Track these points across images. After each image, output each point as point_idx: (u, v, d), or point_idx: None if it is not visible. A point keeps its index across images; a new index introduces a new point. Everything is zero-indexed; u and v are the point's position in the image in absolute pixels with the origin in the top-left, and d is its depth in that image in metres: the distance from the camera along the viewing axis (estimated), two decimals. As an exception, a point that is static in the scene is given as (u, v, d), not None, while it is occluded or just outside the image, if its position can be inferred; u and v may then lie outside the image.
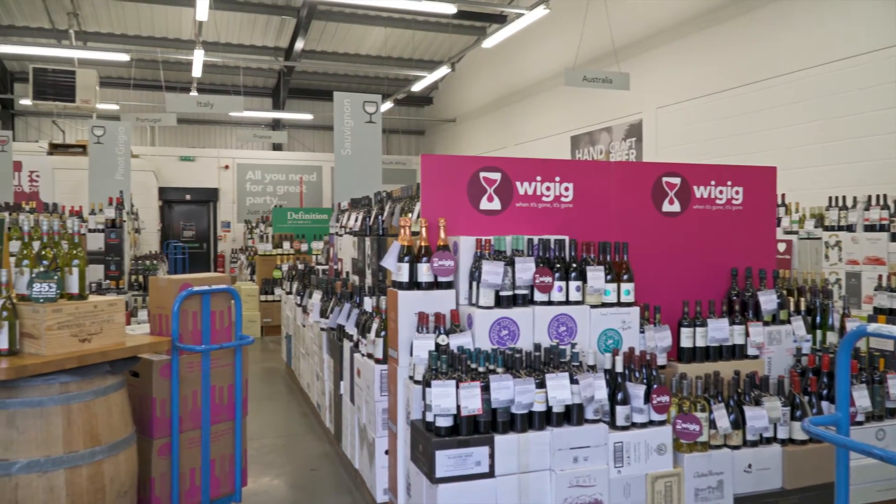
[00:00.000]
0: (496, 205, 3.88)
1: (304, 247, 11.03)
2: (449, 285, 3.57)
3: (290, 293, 7.81)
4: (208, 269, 17.28)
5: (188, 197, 17.23)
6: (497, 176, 3.89)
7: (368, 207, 5.76)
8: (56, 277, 2.94)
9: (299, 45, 15.01)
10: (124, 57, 13.27)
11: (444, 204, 3.78)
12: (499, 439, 3.06)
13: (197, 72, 13.55)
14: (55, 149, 14.75)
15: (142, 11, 14.49)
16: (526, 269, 3.50)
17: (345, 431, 4.65)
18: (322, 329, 5.43)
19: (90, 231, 7.53)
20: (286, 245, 11.01)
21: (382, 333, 3.84)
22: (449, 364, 3.14)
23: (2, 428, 2.78)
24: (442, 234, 3.57)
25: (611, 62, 10.73)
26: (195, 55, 12.39)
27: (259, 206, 17.46)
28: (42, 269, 2.97)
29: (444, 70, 14.03)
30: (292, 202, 17.52)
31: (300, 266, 8.20)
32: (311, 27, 14.86)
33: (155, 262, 8.94)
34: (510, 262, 3.51)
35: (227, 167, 17.45)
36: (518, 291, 3.53)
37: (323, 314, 5.44)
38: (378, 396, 3.78)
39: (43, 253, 3.04)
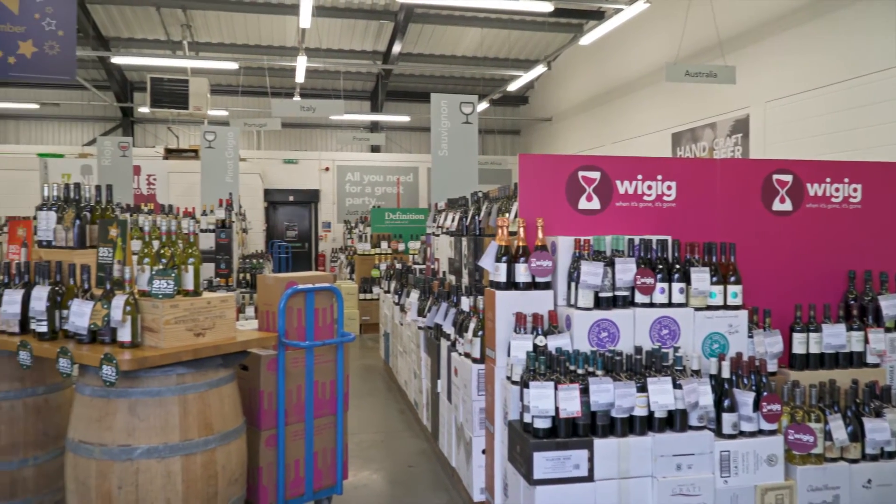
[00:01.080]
0: (595, 204, 3.82)
1: (401, 246, 11.21)
2: (547, 286, 3.54)
3: (387, 292, 7.97)
4: (310, 267, 17.86)
5: (291, 198, 17.87)
6: (596, 175, 3.82)
7: (465, 208, 5.79)
8: (174, 275, 3.12)
9: (397, 48, 15.28)
10: (233, 65, 13.93)
11: (541, 204, 3.76)
12: (598, 443, 3.01)
13: (300, 77, 14.04)
14: (170, 153, 15.66)
15: (249, 21, 15.15)
16: (627, 270, 3.43)
17: (442, 429, 4.70)
18: (419, 328, 5.50)
19: (202, 231, 7.94)
20: (384, 245, 11.23)
21: (480, 333, 3.85)
22: (547, 365, 3.12)
23: (124, 415, 2.98)
24: (540, 234, 3.54)
25: (715, 55, 10.33)
26: (298, 61, 12.85)
27: (358, 207, 17.89)
28: (161, 266, 3.16)
29: (540, 69, 13.92)
30: (390, 203, 17.86)
31: (398, 265, 8.35)
32: (409, 30, 15.09)
33: (261, 260, 9.32)
34: (610, 263, 3.44)
35: (327, 169, 17.99)
36: (618, 293, 3.46)
37: (420, 313, 5.52)
38: (475, 396, 3.79)
39: (162, 252, 3.23)
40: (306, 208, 18.17)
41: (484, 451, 3.76)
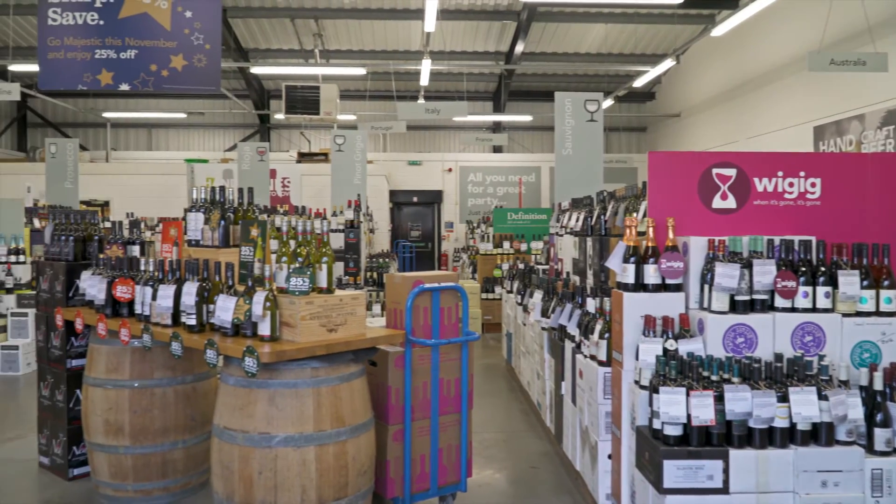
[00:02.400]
0: (730, 203, 3.64)
1: (523, 246, 11.18)
2: (678, 288, 3.41)
3: (510, 292, 7.97)
4: (433, 267, 18.16)
5: (415, 199, 18.26)
6: (732, 172, 3.64)
7: (590, 207, 5.69)
8: (309, 273, 3.27)
9: (519, 47, 15.24)
10: (361, 71, 14.41)
11: (672, 203, 3.63)
12: (734, 454, 2.86)
13: (424, 80, 14.31)
14: (303, 157, 16.43)
15: (376, 28, 15.62)
16: (765, 273, 3.24)
17: (566, 432, 4.64)
18: (543, 328, 5.46)
19: (332, 231, 8.27)
20: (506, 245, 11.23)
21: (606, 335, 3.77)
22: (678, 370, 3.01)
23: (264, 405, 3.15)
24: (670, 235, 3.42)
25: (863, 41, 9.56)
26: (423, 65, 13.10)
27: (480, 207, 18.00)
28: (297, 265, 3.32)
29: (668, 63, 13.44)
30: (512, 203, 17.84)
31: (520, 265, 8.33)
32: (531, 29, 15.01)
33: (387, 259, 9.58)
34: (747, 265, 3.27)
35: (450, 170, 18.22)
36: (756, 296, 3.28)
37: (544, 314, 5.48)
38: (601, 399, 3.72)
39: (298, 251, 3.39)
40: (430, 209, 18.50)
41: (610, 456, 3.68)
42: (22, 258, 8.50)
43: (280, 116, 15.07)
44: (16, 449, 5.17)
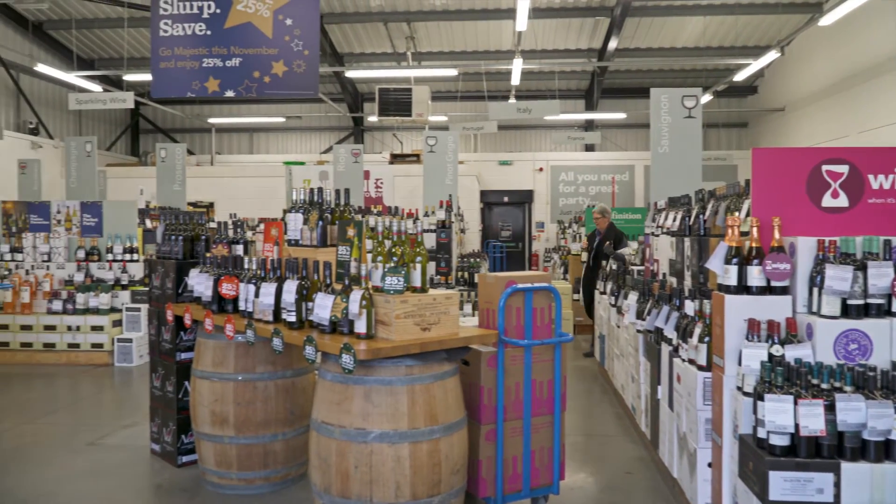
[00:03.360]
0: (842, 201, 3.44)
1: (616, 247, 10.94)
2: (784, 290, 3.26)
3: (603, 293, 7.82)
4: (523, 267, 18.07)
5: (506, 199, 18.23)
6: (843, 169, 3.44)
7: (688, 206, 5.51)
8: (403, 272, 3.32)
9: (612, 44, 14.94)
10: (452, 72, 14.51)
11: (777, 201, 3.46)
12: (846, 467, 2.71)
13: (515, 80, 14.27)
14: (395, 158, 16.71)
15: (467, 28, 15.69)
16: (882, 275, 3.05)
17: (662, 437, 4.52)
18: (638, 331, 5.33)
19: (424, 231, 8.37)
20: (598, 245, 11.03)
21: (706, 339, 3.64)
22: (785, 377, 2.87)
23: (360, 401, 3.23)
24: (776, 235, 3.27)
25: None
26: (514, 64, 13.06)
27: (571, 207, 17.78)
28: (392, 264, 3.38)
29: (771, 55, 12.84)
30: (604, 202, 17.52)
31: (614, 266, 8.16)
32: (625, 25, 14.69)
33: (477, 259, 9.61)
34: (861, 267, 3.08)
35: (541, 169, 18.09)
36: (871, 300, 3.09)
37: (639, 315, 5.35)
38: (700, 405, 3.60)
39: (393, 250, 3.45)
40: (520, 209, 18.43)
41: (710, 465, 3.55)
42: (135, 256, 9.04)
43: (373, 119, 15.38)
44: (130, 436, 5.51)
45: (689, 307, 4.11)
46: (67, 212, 9.20)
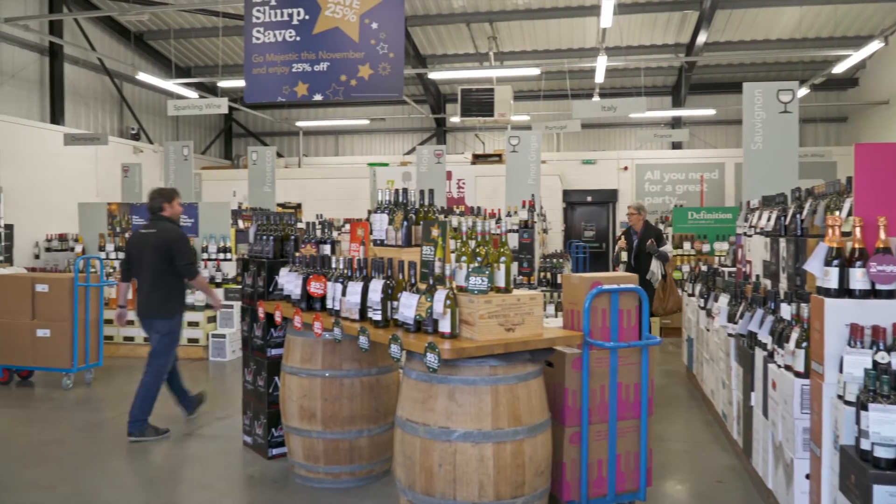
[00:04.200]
0: (957, 199, 3.21)
1: (705, 247, 10.61)
2: (890, 294, 3.07)
3: (692, 295, 7.59)
4: (606, 268, 17.74)
5: (589, 198, 17.94)
6: (959, 164, 3.22)
7: (784, 205, 5.28)
8: (487, 272, 3.32)
9: (701, 38, 14.47)
10: (535, 71, 14.41)
11: (883, 200, 3.27)
12: (961, 483, 2.53)
13: (599, 77, 14.03)
14: (477, 159, 16.73)
15: (550, 27, 15.54)
16: None
17: (755, 446, 4.34)
18: (729, 335, 5.15)
19: (507, 231, 8.35)
20: (686, 245, 10.72)
21: (803, 344, 3.48)
22: (891, 386, 2.71)
23: (444, 400, 3.25)
24: (882, 235, 3.09)
25: None
26: (598, 61, 12.85)
27: (657, 207, 17.32)
28: (476, 264, 3.38)
29: (874, 45, 12.12)
30: (692, 201, 16.99)
31: (703, 267, 7.91)
32: (715, 18, 14.19)
33: (560, 260, 9.51)
34: (979, 270, 2.87)
35: (625, 168, 17.71)
36: None
37: (731, 319, 5.16)
38: (798, 413, 3.44)
39: (477, 251, 3.46)
40: (604, 208, 18.10)
41: (808, 476, 3.39)
42: (229, 255, 9.42)
43: (456, 119, 15.47)
44: (224, 428, 5.74)
45: (786, 311, 3.94)
46: (166, 213, 9.67)
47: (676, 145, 18.27)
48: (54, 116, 14.60)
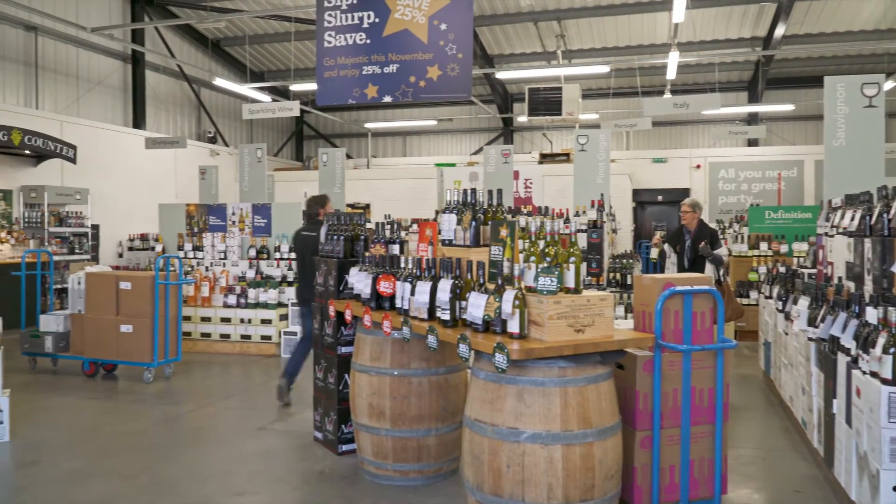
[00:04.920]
0: None
1: (783, 248, 10.23)
2: None
3: (768, 297, 7.33)
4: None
5: (659, 198, 17.57)
6: None
7: (869, 204, 5.04)
8: (557, 273, 3.29)
9: (779, 31, 13.97)
10: (604, 68, 14.22)
11: (982, 198, 3.08)
12: None
13: (671, 74, 13.72)
14: (544, 158, 16.62)
15: (620, 23, 15.29)
16: None
17: (837, 455, 4.16)
18: (809, 339, 4.95)
19: (576, 231, 8.25)
20: (763, 246, 10.37)
21: (891, 350, 3.31)
22: None
23: (512, 400, 3.24)
24: (980, 235, 2.91)
25: None
26: (670, 57, 12.56)
27: (732, 206, 16.83)
28: (545, 265, 3.36)
29: (971, 34, 11.44)
30: (769, 200, 16.43)
31: (780, 269, 7.63)
32: (794, 9, 13.68)
33: (630, 260, 9.34)
34: None
35: (698, 167, 17.27)
36: None
37: (811, 322, 4.95)
38: (885, 422, 3.27)
39: (546, 251, 3.43)
40: (675, 208, 17.67)
41: (895, 489, 3.23)
42: (300, 255, 9.63)
43: (523, 119, 15.39)
44: (296, 423, 5.87)
45: (871, 315, 3.76)
46: (241, 213, 9.98)
47: (752, 142, 17.69)
48: (136, 121, 15.26)
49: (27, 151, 11.45)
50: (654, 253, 8.37)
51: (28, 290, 8.58)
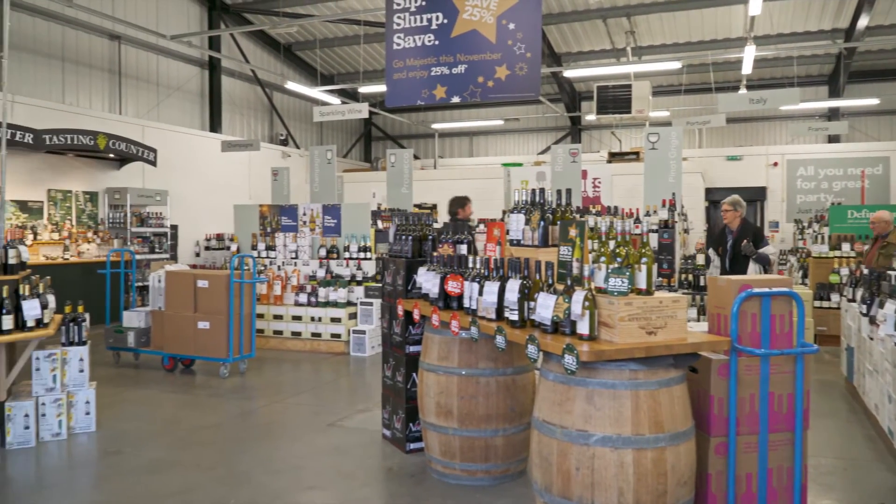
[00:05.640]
0: None
1: (867, 248, 9.76)
2: None
3: (851, 300, 7.01)
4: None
5: (734, 197, 17.02)
6: None
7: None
8: (628, 273, 3.23)
9: (863, 22, 13.34)
10: (676, 64, 13.89)
11: None
12: None
13: (747, 68, 13.29)
14: (613, 157, 16.35)
15: (692, 18, 14.90)
16: None
17: (928, 468, 3.94)
18: (897, 344, 4.71)
19: (647, 231, 8.08)
20: (845, 246, 9.92)
21: None
22: None
23: (582, 402, 3.20)
24: None
25: None
26: (746, 52, 12.18)
27: (811, 205, 16.18)
28: (616, 265, 3.30)
29: None
30: (851, 199, 15.71)
31: (864, 270, 7.28)
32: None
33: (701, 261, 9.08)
34: None
35: (775, 164, 16.67)
36: None
37: (898, 327, 4.72)
38: (982, 434, 3.08)
39: (617, 251, 3.38)
40: (751, 207, 17.12)
41: None
42: (368, 255, 9.78)
43: (591, 117, 15.20)
44: (364, 420, 5.96)
45: (967, 319, 3.55)
46: (311, 214, 10.20)
47: (833, 138, 16.96)
48: (213, 125, 15.79)
49: (111, 155, 11.99)
50: (700, 259, 8.18)
51: (112, 288, 8.99)
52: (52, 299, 5.47)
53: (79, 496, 4.41)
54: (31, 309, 5.16)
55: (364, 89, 17.40)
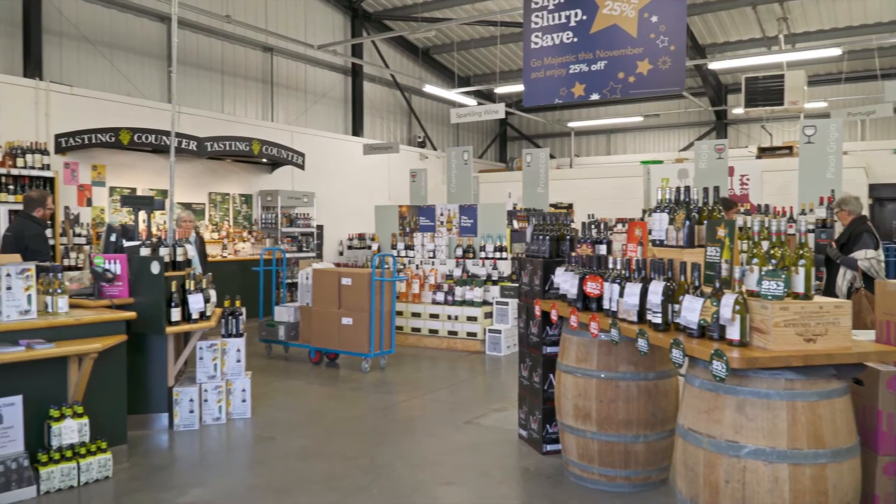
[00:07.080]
0: None
1: None
2: None
3: None
4: None
5: (903, 193, 15.51)
6: None
7: None
8: (783, 276, 3.03)
9: None
10: (835, 51, 12.88)
11: None
12: None
13: (919, 52, 12.08)
14: (763, 152, 15.39)
15: (854, 0, 13.75)
16: None
17: None
18: None
19: (806, 231, 7.56)
20: None
21: None
22: None
23: (732, 412, 3.04)
24: None
25: None
26: (918, 34, 11.06)
27: None
28: (771, 267, 3.11)
29: None
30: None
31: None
32: None
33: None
34: None
35: (953, 157, 15.02)
36: None
37: None
38: None
39: (771, 252, 3.18)
40: (922, 205, 15.54)
41: None
42: (504, 254, 9.81)
43: (738, 111, 14.41)
44: (499, 419, 5.99)
45: None
46: (448, 214, 10.38)
47: None
48: (355, 129, 16.46)
49: (264, 160, 12.80)
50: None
51: (265, 284, 9.59)
52: (213, 294, 5.91)
53: (237, 477, 4.74)
54: (195, 303, 5.61)
55: (500, 90, 17.45)
